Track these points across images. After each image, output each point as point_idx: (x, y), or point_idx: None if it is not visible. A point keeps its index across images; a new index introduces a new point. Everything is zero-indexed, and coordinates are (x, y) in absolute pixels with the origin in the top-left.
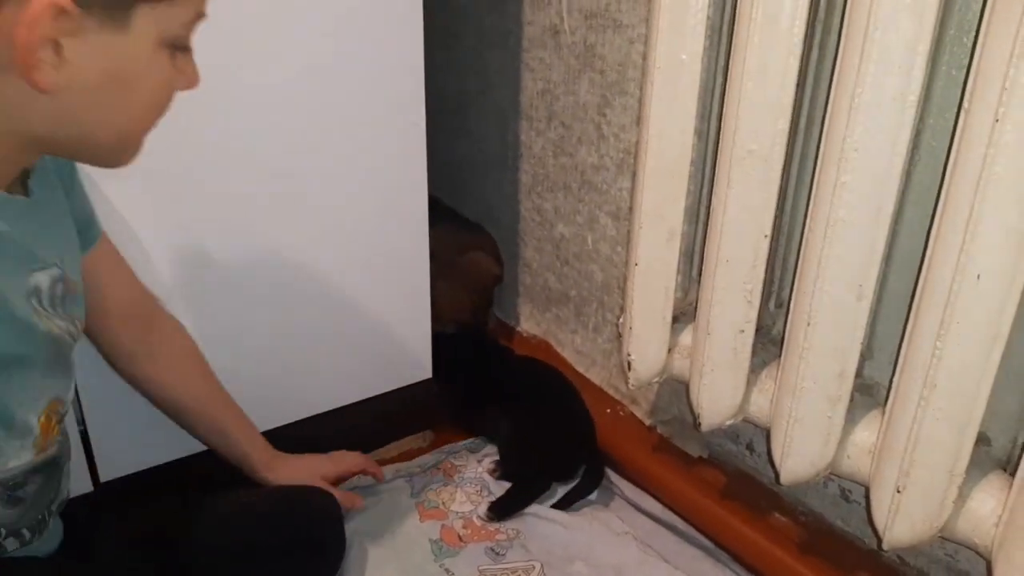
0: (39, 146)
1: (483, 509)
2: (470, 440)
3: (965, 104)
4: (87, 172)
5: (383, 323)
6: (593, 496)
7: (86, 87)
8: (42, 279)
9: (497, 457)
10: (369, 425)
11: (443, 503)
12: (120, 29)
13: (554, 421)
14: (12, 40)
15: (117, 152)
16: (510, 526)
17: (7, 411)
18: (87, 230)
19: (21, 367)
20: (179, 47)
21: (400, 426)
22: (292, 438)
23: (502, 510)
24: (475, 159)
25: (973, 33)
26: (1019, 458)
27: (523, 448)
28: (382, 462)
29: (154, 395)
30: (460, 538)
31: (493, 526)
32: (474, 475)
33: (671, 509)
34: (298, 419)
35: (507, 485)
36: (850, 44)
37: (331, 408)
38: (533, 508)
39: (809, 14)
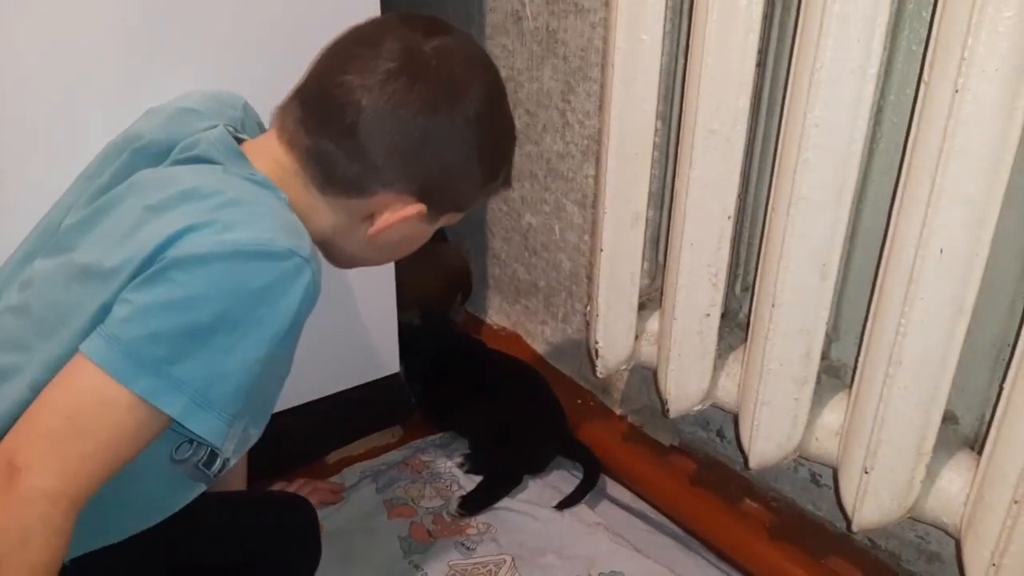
0: (315, 241)
1: (454, 505)
2: (439, 435)
3: (924, 77)
4: None
5: (349, 317)
6: (564, 487)
7: (385, 244)
8: None
9: (467, 451)
10: (337, 421)
11: (412, 500)
12: (430, 223)
13: (523, 414)
14: (377, 213)
15: (350, 266)
16: (481, 520)
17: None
18: None
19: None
20: None
21: (369, 421)
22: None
23: (472, 505)
24: None
25: (932, 6)
26: (986, 436)
27: (492, 442)
28: (349, 460)
29: None
30: (430, 534)
31: (464, 521)
32: (444, 470)
33: (643, 498)
34: None
35: (478, 479)
36: (808, 18)
37: (297, 404)
38: (504, 501)
39: None
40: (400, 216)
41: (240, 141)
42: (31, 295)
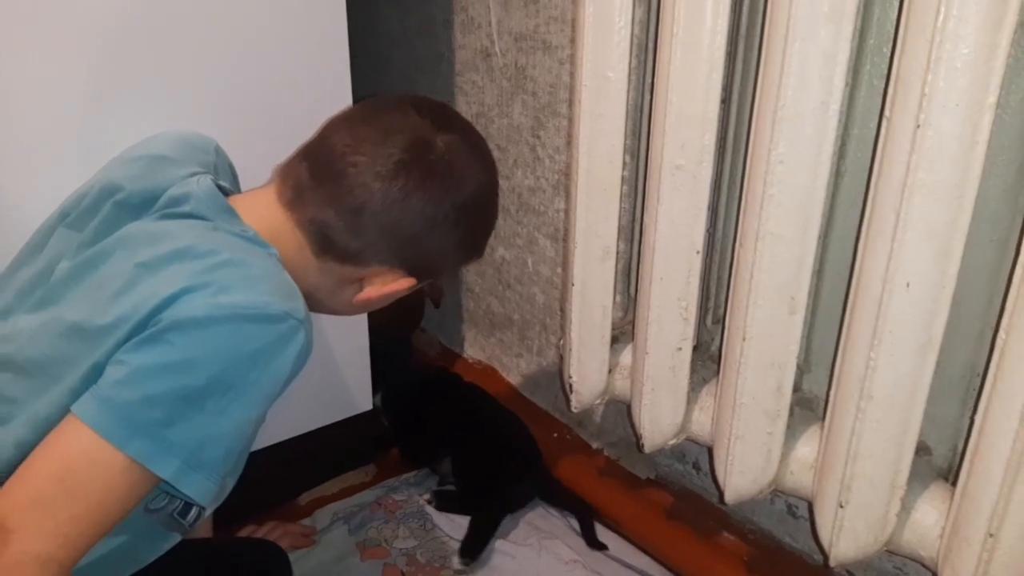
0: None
1: (456, 560)
2: (412, 474)
3: (886, 112)
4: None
5: (322, 355)
6: (541, 525)
7: (367, 304)
8: None
9: (435, 488)
10: (310, 460)
11: (385, 540)
12: (413, 284)
13: (501, 451)
14: (366, 280)
15: (322, 313)
16: (458, 559)
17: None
18: None
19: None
20: None
21: (342, 460)
22: None
23: (473, 550)
24: None
25: (892, 43)
26: (960, 467)
27: (475, 481)
28: (322, 500)
29: None
30: (404, 575)
31: (468, 568)
32: (416, 509)
33: (620, 534)
34: None
35: (448, 516)
36: (770, 56)
37: (270, 444)
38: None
39: (731, 29)
40: (391, 289)
41: (224, 191)
42: (14, 350)
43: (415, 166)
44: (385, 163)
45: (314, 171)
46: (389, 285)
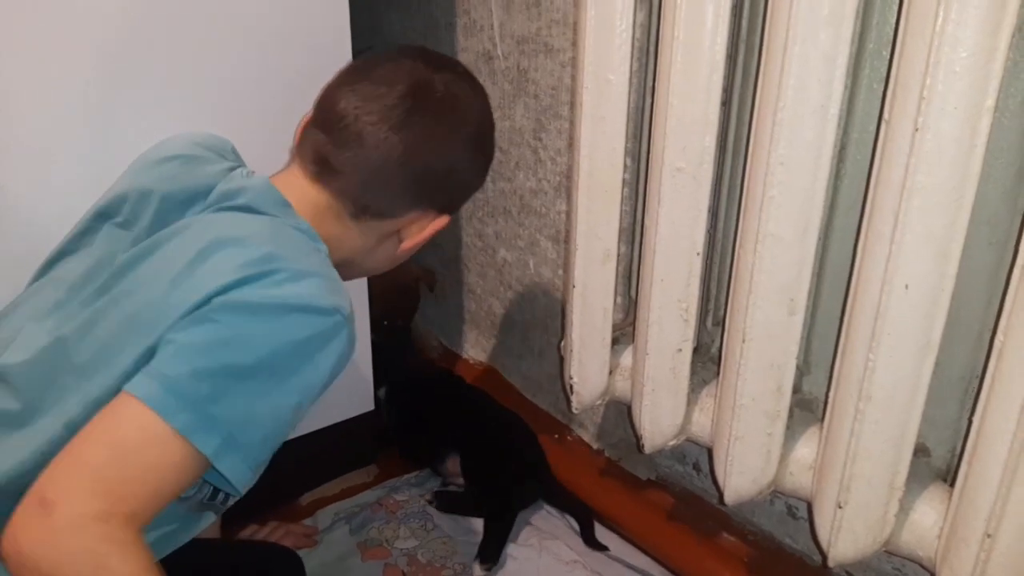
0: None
1: (478, 569)
2: (414, 474)
3: (885, 115)
4: None
5: None
6: (542, 525)
7: (404, 254)
8: None
9: (436, 488)
10: (312, 461)
11: (386, 540)
12: (447, 221)
13: (507, 452)
14: (404, 229)
15: (354, 277)
16: (457, 561)
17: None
18: None
19: None
20: None
21: (344, 461)
22: None
23: (492, 553)
24: None
25: (891, 46)
26: (958, 468)
27: (486, 484)
28: (323, 501)
29: None
30: (404, 575)
31: (490, 572)
32: (417, 509)
33: (620, 534)
34: None
35: (449, 516)
36: (771, 59)
37: None
38: (478, 541)
39: (731, 32)
40: (429, 232)
41: None
42: (71, 337)
43: (425, 109)
44: (398, 113)
45: (333, 139)
46: (426, 229)
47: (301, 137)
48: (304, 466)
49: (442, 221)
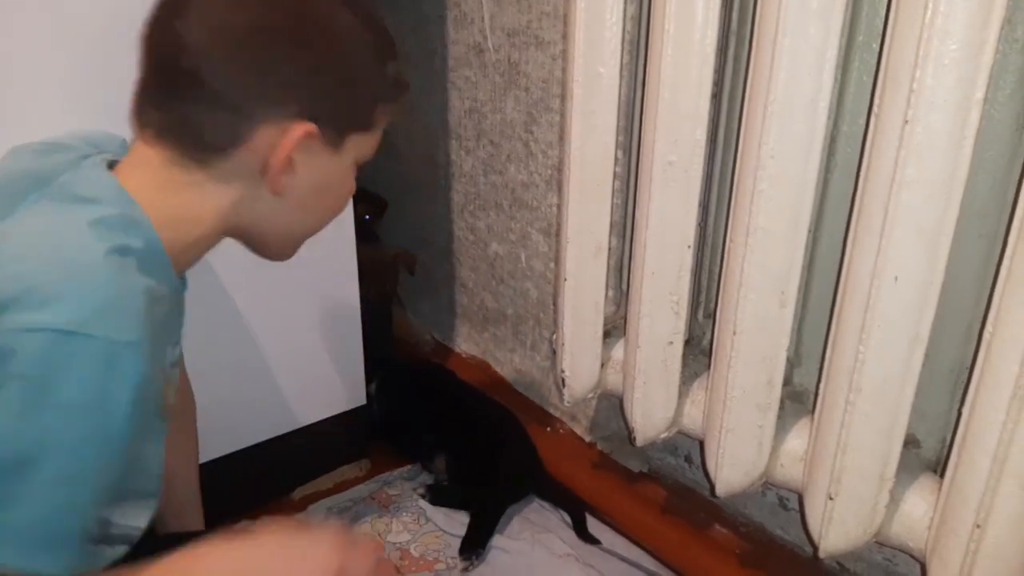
0: (233, 234)
1: (460, 566)
2: (406, 468)
3: (875, 108)
4: None
5: (314, 350)
6: (535, 519)
7: (300, 194)
8: (176, 353)
9: (429, 482)
10: (304, 455)
11: (379, 534)
12: (336, 151)
13: (500, 445)
14: (268, 155)
15: (289, 248)
16: (450, 555)
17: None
18: None
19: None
20: (359, 166)
21: (336, 455)
22: (226, 471)
23: (474, 546)
24: (406, 180)
25: (881, 39)
26: (948, 459)
27: (472, 477)
28: (316, 495)
29: None
30: (397, 569)
31: (472, 564)
32: (410, 503)
33: (613, 527)
34: (230, 452)
35: (442, 510)
36: (760, 52)
37: (264, 439)
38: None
39: (721, 25)
40: (290, 143)
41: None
42: None
43: None
44: (195, 9)
45: (147, 80)
46: (286, 144)
47: (132, 103)
48: (296, 461)
49: (300, 130)
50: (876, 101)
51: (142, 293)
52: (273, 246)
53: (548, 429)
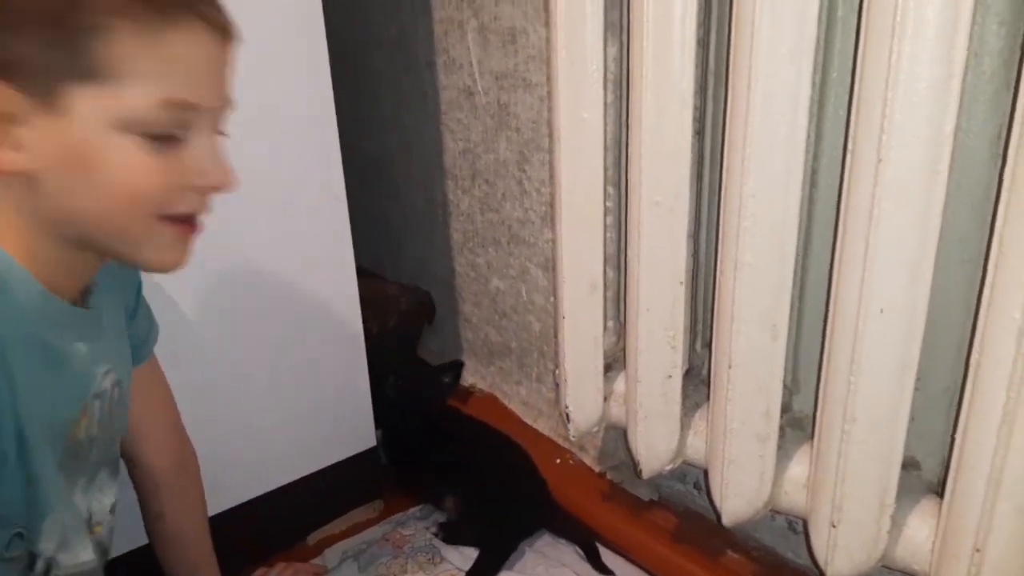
0: (76, 243)
1: None
2: (419, 507)
3: (849, 145)
4: None
5: (323, 396)
6: (549, 552)
7: (49, 170)
8: (105, 382)
9: (442, 520)
10: (317, 500)
11: None
12: (57, 113)
13: (506, 480)
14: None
15: (129, 244)
16: None
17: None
18: (140, 347)
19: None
20: (158, 136)
21: (349, 498)
22: (239, 520)
23: None
24: (406, 219)
25: (851, 76)
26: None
27: (482, 513)
28: (330, 539)
29: (153, 528)
30: None
31: None
32: (424, 543)
33: (625, 556)
34: (243, 501)
35: (457, 548)
36: (736, 97)
37: (276, 487)
38: None
39: (699, 67)
40: None
41: None
42: None
43: None
44: None
45: None
46: None
47: None
48: (310, 505)
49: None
50: (850, 140)
51: None
52: (110, 249)
53: (558, 460)
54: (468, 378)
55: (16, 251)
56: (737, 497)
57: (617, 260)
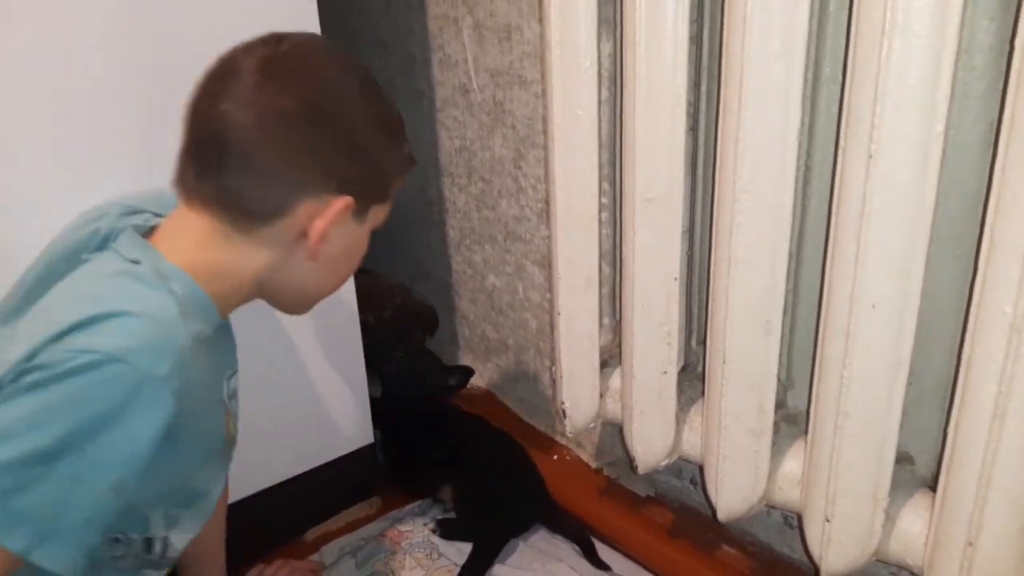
0: (261, 291)
1: (434, 574)
2: (416, 503)
3: (841, 142)
4: None
5: (319, 392)
6: (545, 548)
7: (328, 259)
8: (233, 386)
9: (439, 516)
10: (315, 497)
11: (392, 572)
12: (361, 221)
13: (502, 475)
14: (305, 224)
15: (309, 305)
16: None
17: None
18: None
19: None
20: (374, 230)
21: (347, 494)
22: (237, 517)
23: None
24: (402, 217)
25: (842, 73)
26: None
27: (478, 508)
28: (328, 536)
29: None
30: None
31: None
32: (421, 539)
33: (622, 552)
34: (241, 498)
35: (454, 544)
36: (728, 93)
37: (274, 483)
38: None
39: (692, 64)
40: (332, 215)
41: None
42: None
43: (269, 79)
44: (244, 95)
45: (195, 153)
46: (328, 214)
47: (175, 172)
48: (307, 502)
49: (341, 203)
50: (841, 136)
51: (183, 336)
52: (296, 303)
53: (555, 457)
54: None
55: (227, 290)
56: (732, 492)
57: (612, 257)
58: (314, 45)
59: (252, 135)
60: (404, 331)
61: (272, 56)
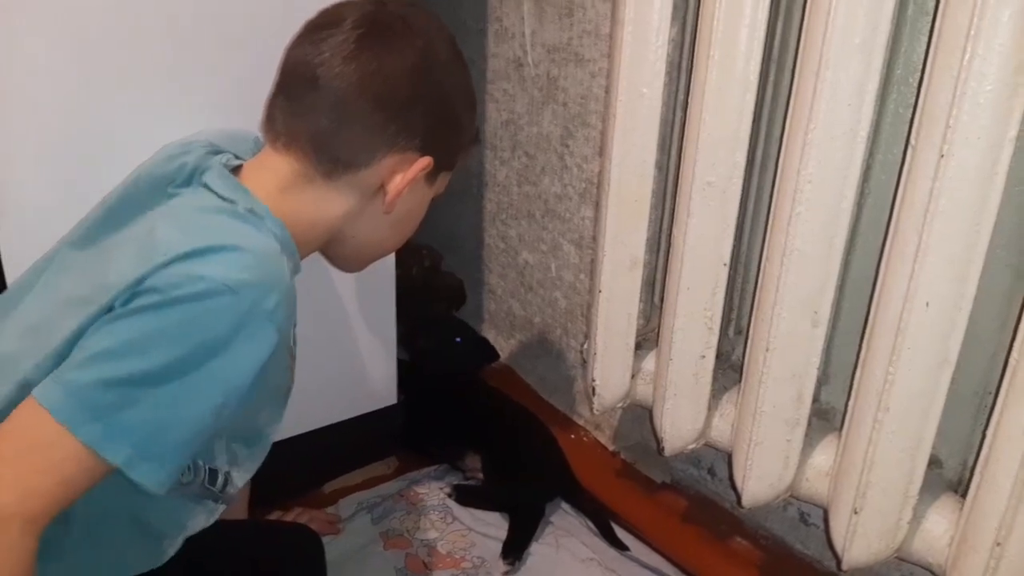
0: (330, 240)
1: (501, 568)
2: (433, 467)
3: (912, 141)
4: None
5: (349, 348)
6: (559, 523)
7: (397, 216)
8: (295, 333)
9: (456, 483)
10: (334, 451)
11: (407, 531)
12: (430, 184)
13: (533, 446)
14: (386, 178)
15: (366, 262)
16: (475, 554)
17: (266, 439)
18: None
19: (280, 403)
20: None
21: (365, 452)
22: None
23: (516, 550)
24: None
25: (919, 74)
26: (969, 480)
27: (510, 477)
28: (345, 490)
29: None
30: (425, 565)
31: (513, 568)
32: (437, 502)
33: (634, 534)
34: None
35: (468, 510)
36: (803, 83)
37: (295, 434)
38: (496, 535)
39: (764, 53)
40: (414, 171)
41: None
42: (31, 307)
43: (375, 34)
44: (347, 45)
45: (290, 95)
46: (409, 171)
47: (266, 108)
48: (328, 455)
49: (424, 162)
50: (913, 135)
51: (287, 275)
52: (356, 258)
53: (572, 437)
54: None
55: (306, 236)
56: (760, 480)
57: (655, 242)
58: (417, 9)
59: (351, 84)
60: (429, 294)
61: (377, 13)
